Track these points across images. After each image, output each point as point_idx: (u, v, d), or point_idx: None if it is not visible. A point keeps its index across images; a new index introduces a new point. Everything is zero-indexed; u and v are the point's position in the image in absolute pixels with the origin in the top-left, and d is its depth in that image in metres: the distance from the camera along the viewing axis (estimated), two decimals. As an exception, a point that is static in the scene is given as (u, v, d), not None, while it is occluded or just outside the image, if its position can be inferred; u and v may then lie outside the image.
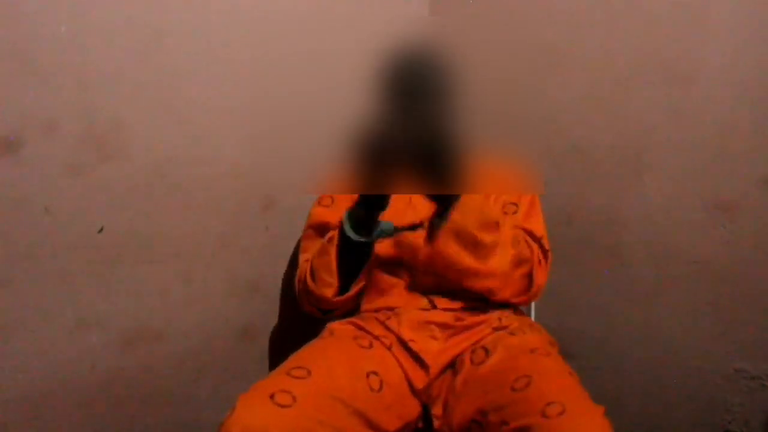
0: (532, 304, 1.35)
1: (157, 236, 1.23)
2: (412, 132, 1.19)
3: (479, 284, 1.14)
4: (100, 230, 1.15)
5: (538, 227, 1.23)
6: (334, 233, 1.14)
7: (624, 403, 1.48)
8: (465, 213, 1.07)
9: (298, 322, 1.34)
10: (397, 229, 1.09)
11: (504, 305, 1.20)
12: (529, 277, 1.17)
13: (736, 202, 1.31)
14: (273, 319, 1.46)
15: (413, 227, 1.11)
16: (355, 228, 1.06)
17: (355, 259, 1.12)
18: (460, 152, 1.23)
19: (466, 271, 1.12)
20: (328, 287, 1.14)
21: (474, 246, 1.10)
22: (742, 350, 1.34)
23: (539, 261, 1.18)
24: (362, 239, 1.06)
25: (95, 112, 1.12)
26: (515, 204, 1.23)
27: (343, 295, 1.15)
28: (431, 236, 1.09)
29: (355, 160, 0.98)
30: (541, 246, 1.21)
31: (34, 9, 1.03)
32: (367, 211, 1.06)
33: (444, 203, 1.04)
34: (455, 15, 1.63)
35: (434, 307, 1.16)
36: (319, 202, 1.29)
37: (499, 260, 1.12)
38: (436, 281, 1.17)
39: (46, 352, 1.11)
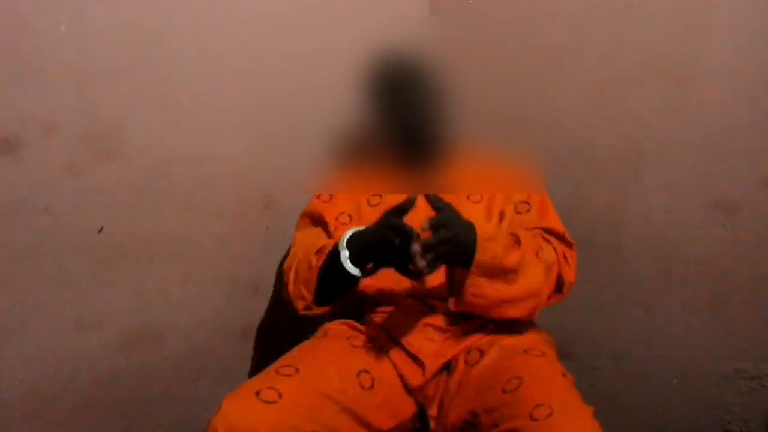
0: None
1: (157, 236, 1.23)
2: (411, 131, 1.19)
3: (517, 311, 1.08)
4: (100, 230, 1.15)
5: (557, 224, 1.18)
6: (325, 246, 1.10)
7: (624, 403, 1.48)
8: (485, 249, 1.01)
9: (298, 322, 1.34)
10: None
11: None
12: (558, 277, 1.12)
13: (736, 202, 1.31)
14: (273, 319, 1.45)
15: (418, 277, 1.01)
16: (354, 259, 1.03)
17: (339, 281, 1.08)
18: (457, 152, 1.24)
19: (504, 302, 1.07)
20: (301, 300, 1.12)
21: (504, 274, 1.05)
22: (742, 350, 1.34)
23: (564, 258, 1.14)
24: (357, 273, 1.03)
25: (95, 112, 1.12)
26: (527, 203, 1.20)
27: (311, 311, 1.13)
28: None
29: (351, 160, 0.97)
30: (565, 241, 1.18)
31: (34, 9, 1.03)
32: (378, 263, 1.03)
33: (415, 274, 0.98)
34: (455, 15, 1.62)
35: (432, 310, 1.15)
36: (317, 197, 1.28)
37: (532, 277, 1.07)
38: (439, 289, 1.16)
39: (46, 352, 1.11)
